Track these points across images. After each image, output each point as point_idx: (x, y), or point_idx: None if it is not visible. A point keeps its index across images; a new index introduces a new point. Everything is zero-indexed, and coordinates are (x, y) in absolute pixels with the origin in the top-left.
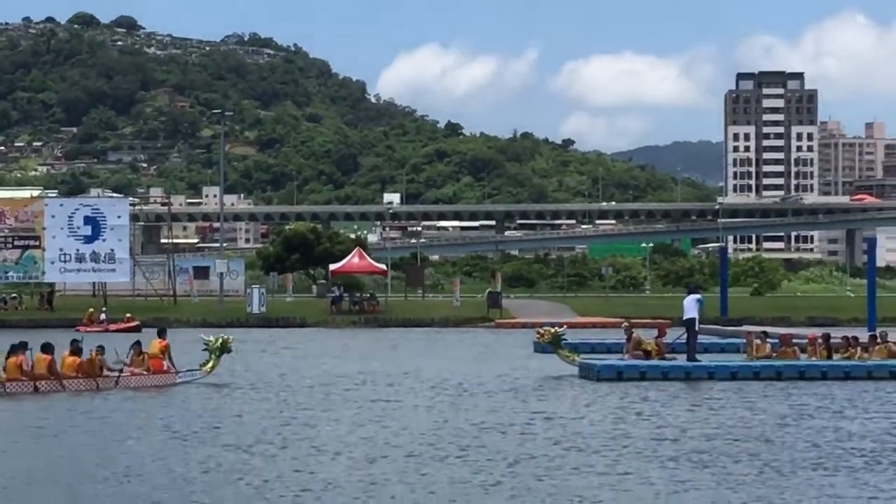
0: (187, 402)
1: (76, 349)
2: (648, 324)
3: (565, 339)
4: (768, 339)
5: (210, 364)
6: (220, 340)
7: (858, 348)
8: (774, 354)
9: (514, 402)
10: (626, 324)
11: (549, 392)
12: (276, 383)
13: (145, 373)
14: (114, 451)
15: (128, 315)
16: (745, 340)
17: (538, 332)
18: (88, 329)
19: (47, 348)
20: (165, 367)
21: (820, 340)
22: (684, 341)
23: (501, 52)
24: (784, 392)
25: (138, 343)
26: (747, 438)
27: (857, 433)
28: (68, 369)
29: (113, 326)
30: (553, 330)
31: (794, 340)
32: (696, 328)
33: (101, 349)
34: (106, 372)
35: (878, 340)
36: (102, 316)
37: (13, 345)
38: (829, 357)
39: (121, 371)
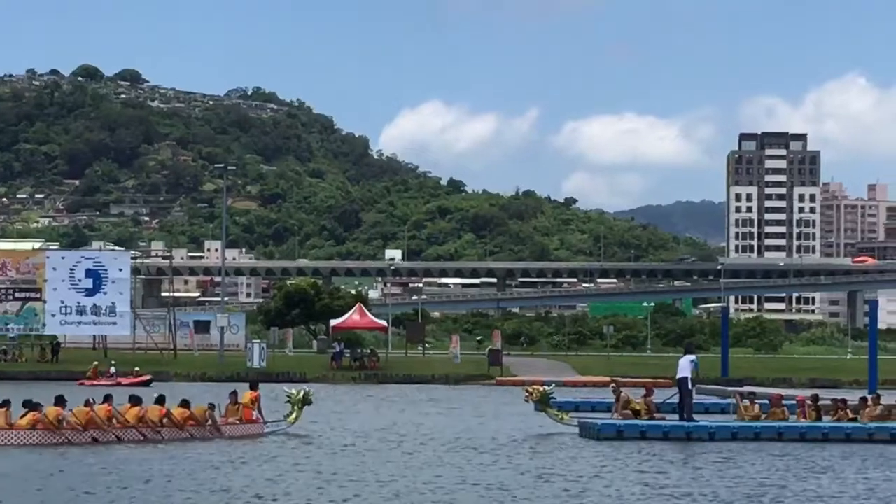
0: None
1: (186, 402)
2: (636, 383)
3: (554, 398)
4: (757, 401)
5: (293, 416)
6: (302, 393)
7: (848, 410)
8: (764, 416)
9: (512, 461)
10: (613, 384)
11: (549, 450)
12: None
13: (238, 422)
14: None
15: (136, 369)
16: (733, 401)
17: (527, 391)
18: (95, 383)
19: (160, 401)
20: (255, 418)
21: (809, 402)
22: (673, 401)
23: (503, 110)
24: (781, 453)
25: (234, 393)
26: (738, 499)
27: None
28: (180, 419)
29: (125, 381)
30: (542, 388)
31: (784, 402)
32: (690, 387)
33: (211, 406)
34: (210, 422)
35: (869, 403)
36: (113, 370)
37: (131, 396)
38: (819, 419)
39: (215, 422)
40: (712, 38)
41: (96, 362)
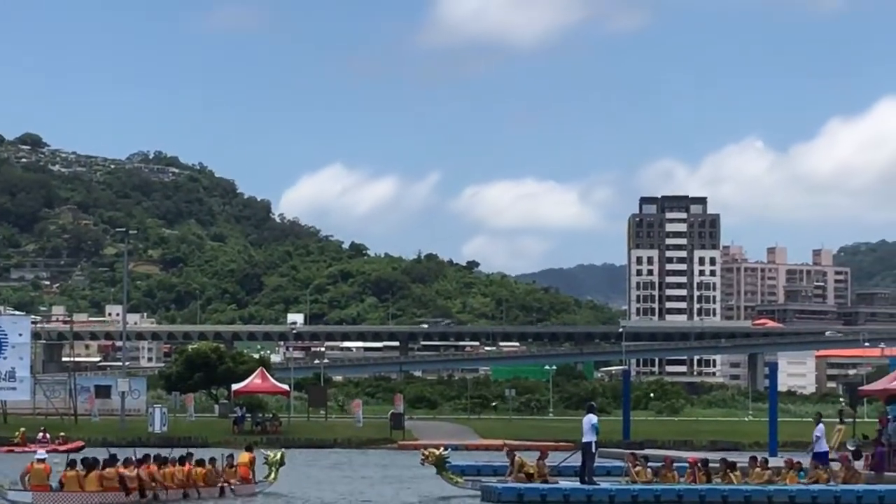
0: None
1: (199, 462)
2: (532, 446)
3: (449, 462)
4: (651, 464)
5: (272, 476)
6: (279, 455)
7: (738, 472)
8: (656, 479)
9: None
10: (506, 447)
11: None
12: None
13: (238, 482)
14: None
15: (62, 434)
16: (626, 465)
17: (423, 454)
18: (26, 449)
19: (183, 460)
20: (250, 477)
21: (699, 465)
22: (569, 464)
23: (403, 174)
24: None
25: (231, 456)
26: None
27: None
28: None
29: (62, 447)
30: (437, 452)
31: (675, 464)
32: (593, 451)
33: (213, 460)
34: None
35: (757, 465)
36: (47, 435)
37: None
38: (709, 481)
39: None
40: (610, 102)
41: (23, 428)
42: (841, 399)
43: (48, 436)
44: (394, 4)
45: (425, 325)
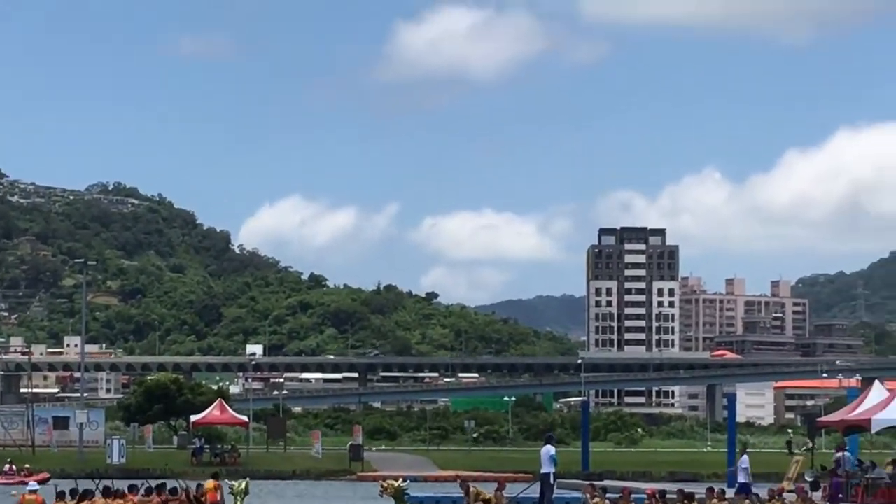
0: None
1: (173, 489)
2: (488, 477)
3: (408, 493)
4: (607, 495)
5: None
6: (244, 484)
7: (696, 503)
8: None
9: None
10: (458, 479)
11: None
12: None
13: None
14: None
15: (27, 466)
16: (584, 495)
17: (381, 486)
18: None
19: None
20: (220, 501)
21: (657, 496)
22: (528, 495)
23: (362, 205)
24: None
25: (200, 485)
26: None
27: None
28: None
29: (32, 479)
30: (396, 483)
31: (633, 495)
32: (552, 482)
33: (187, 489)
34: None
35: (714, 496)
36: (14, 467)
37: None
38: None
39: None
40: (569, 134)
41: None
42: (789, 430)
43: (14, 467)
44: (353, 36)
45: (329, 356)
